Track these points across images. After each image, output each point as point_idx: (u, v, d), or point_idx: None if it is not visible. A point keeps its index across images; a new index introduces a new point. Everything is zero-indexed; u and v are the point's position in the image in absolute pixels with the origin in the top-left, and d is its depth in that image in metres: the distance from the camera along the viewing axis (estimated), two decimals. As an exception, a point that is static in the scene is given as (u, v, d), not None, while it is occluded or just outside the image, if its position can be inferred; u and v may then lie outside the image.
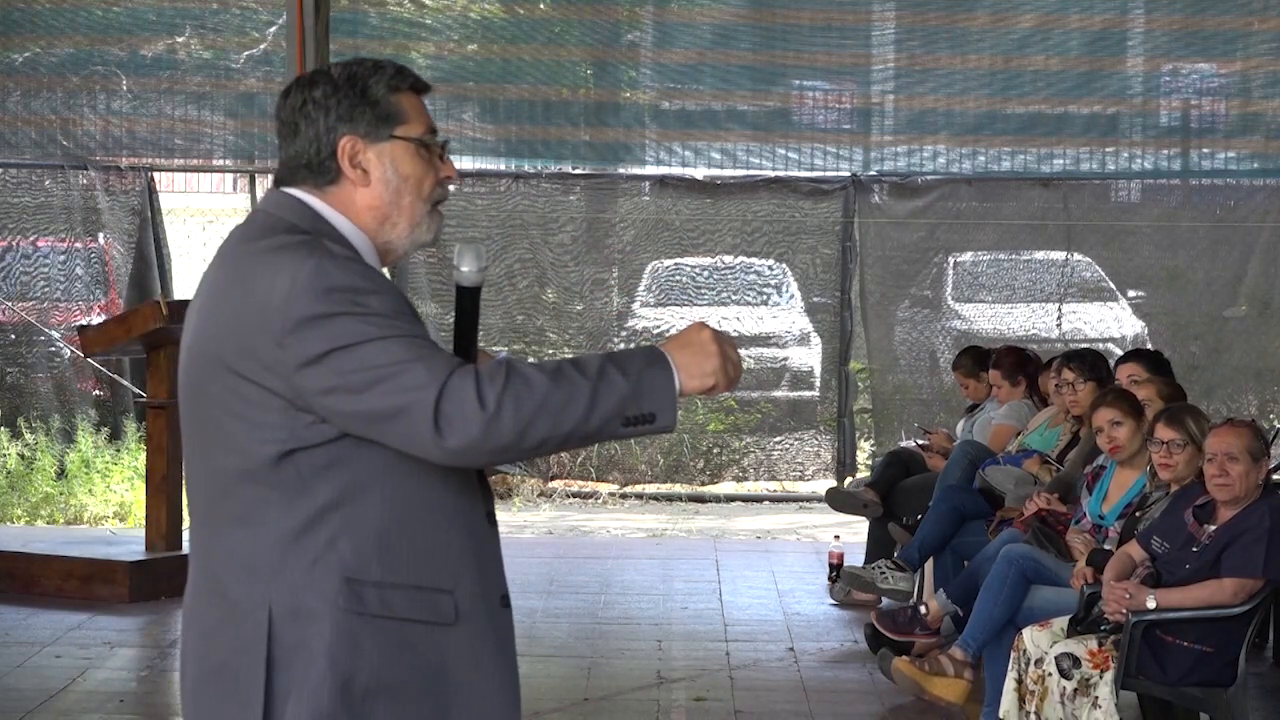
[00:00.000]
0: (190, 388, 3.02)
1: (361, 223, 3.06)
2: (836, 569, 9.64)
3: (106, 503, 12.46)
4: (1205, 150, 13.71)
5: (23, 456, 12.86)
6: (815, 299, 13.83)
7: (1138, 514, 6.74)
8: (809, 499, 13.45)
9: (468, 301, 3.14)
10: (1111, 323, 13.81)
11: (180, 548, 9.68)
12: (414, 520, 2.98)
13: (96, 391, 13.60)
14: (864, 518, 9.86)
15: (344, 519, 2.93)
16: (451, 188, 3.17)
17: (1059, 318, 13.79)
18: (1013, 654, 6.52)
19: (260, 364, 2.89)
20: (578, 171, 13.84)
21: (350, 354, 2.84)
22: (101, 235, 13.54)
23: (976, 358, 9.86)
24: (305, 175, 3.08)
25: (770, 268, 14.09)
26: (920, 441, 10.17)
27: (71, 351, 13.14)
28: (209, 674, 3.00)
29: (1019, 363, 9.38)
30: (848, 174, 13.53)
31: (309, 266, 2.89)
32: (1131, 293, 13.87)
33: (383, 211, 3.07)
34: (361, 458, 2.93)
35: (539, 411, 2.82)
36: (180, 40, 13.59)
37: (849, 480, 12.67)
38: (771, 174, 13.62)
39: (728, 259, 13.97)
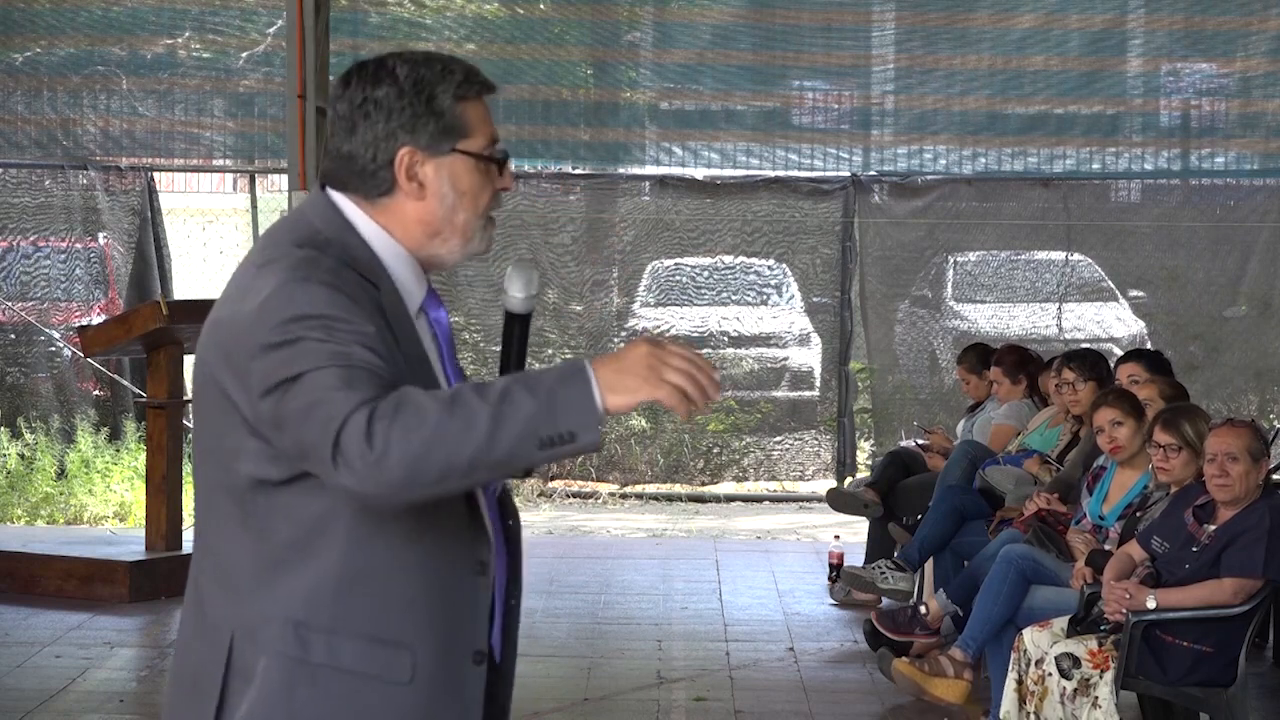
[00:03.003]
0: (196, 394, 2.93)
1: (406, 236, 2.92)
2: (836, 569, 9.63)
3: (106, 503, 12.46)
4: (1205, 150, 13.72)
5: (23, 456, 12.87)
6: (815, 299, 13.83)
7: (1138, 514, 6.74)
8: (809, 499, 13.46)
9: (516, 328, 2.95)
10: (1112, 323, 13.81)
11: (180, 548, 9.68)
12: (375, 569, 2.81)
13: (96, 391, 13.61)
14: (864, 518, 9.85)
15: (302, 559, 2.80)
16: (505, 196, 3.01)
17: (1059, 318, 13.79)
18: (1013, 654, 6.52)
19: (238, 385, 2.79)
20: (578, 171, 13.84)
21: (295, 385, 2.70)
22: (101, 235, 13.54)
23: (981, 355, 9.85)
24: (356, 183, 2.92)
25: (770, 268, 14.09)
26: (920, 441, 10.17)
27: (71, 351, 13.14)
28: (182, 680, 2.94)
29: (1020, 361, 9.38)
30: (848, 174, 13.54)
31: (276, 289, 2.76)
32: (1131, 293, 13.87)
33: (434, 227, 2.92)
34: (322, 498, 2.78)
35: (431, 445, 2.62)
36: (180, 40, 13.59)
37: (849, 480, 12.67)
38: (771, 174, 13.62)
39: (728, 259, 13.98)
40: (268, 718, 2.79)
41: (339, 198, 2.94)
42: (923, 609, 7.85)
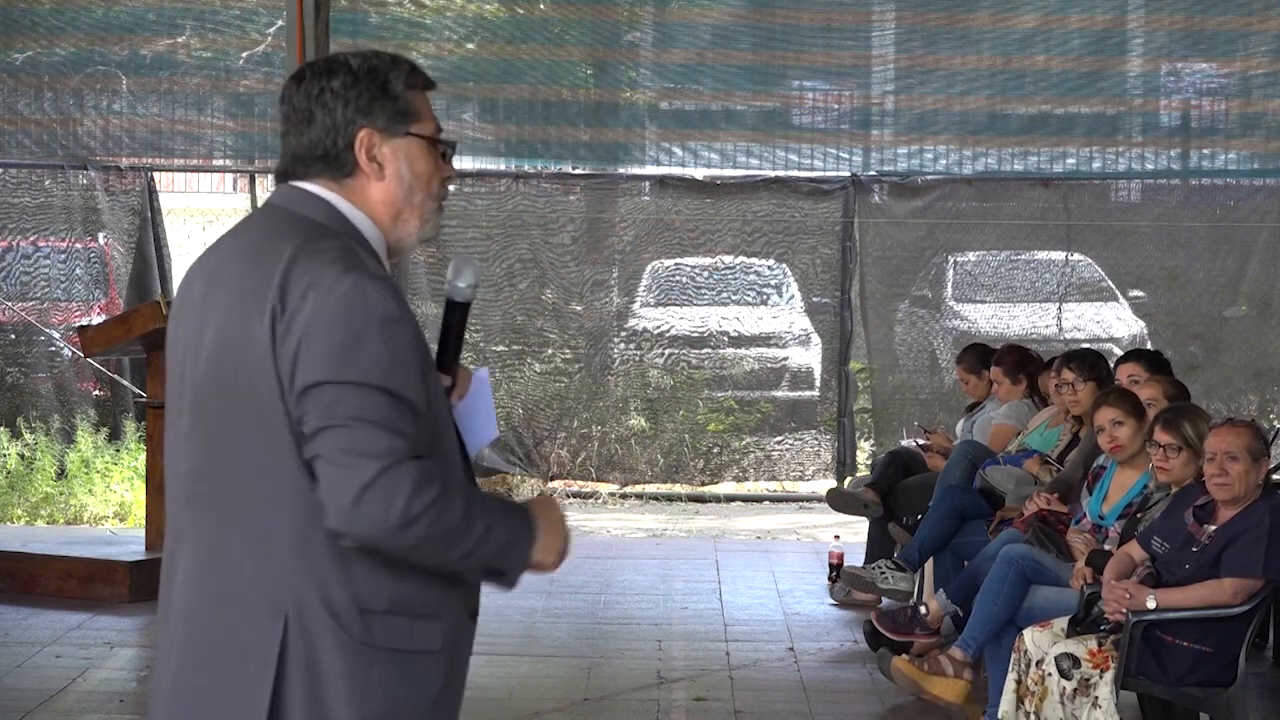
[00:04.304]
0: (219, 386, 2.96)
1: (377, 218, 3.06)
2: (836, 569, 9.64)
3: (106, 503, 12.46)
4: (1205, 150, 13.71)
5: (23, 456, 12.86)
6: (815, 299, 13.82)
7: (1138, 514, 6.74)
8: (809, 499, 13.46)
9: (458, 316, 3.17)
10: (1112, 322, 13.81)
11: (180, 548, 9.65)
12: None
13: (96, 391, 13.61)
14: (864, 518, 9.85)
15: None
16: (451, 188, 3.20)
17: (1059, 318, 13.78)
18: (1013, 655, 6.52)
19: (286, 375, 2.88)
20: (578, 171, 13.84)
21: (340, 388, 2.84)
22: (101, 235, 13.54)
23: (981, 355, 9.85)
24: (321, 168, 3.05)
25: (770, 268, 14.09)
26: (920, 441, 10.17)
27: (71, 351, 13.14)
28: (197, 664, 2.98)
29: (1020, 361, 9.38)
30: (848, 174, 13.53)
31: (345, 285, 2.88)
32: (1131, 293, 13.87)
33: (396, 207, 3.07)
34: None
35: (445, 538, 2.87)
36: (180, 40, 13.59)
37: (849, 480, 12.67)
38: (771, 174, 13.62)
39: (728, 259, 13.97)
40: (357, 702, 2.91)
41: (316, 188, 3.06)
42: (923, 609, 7.85)
